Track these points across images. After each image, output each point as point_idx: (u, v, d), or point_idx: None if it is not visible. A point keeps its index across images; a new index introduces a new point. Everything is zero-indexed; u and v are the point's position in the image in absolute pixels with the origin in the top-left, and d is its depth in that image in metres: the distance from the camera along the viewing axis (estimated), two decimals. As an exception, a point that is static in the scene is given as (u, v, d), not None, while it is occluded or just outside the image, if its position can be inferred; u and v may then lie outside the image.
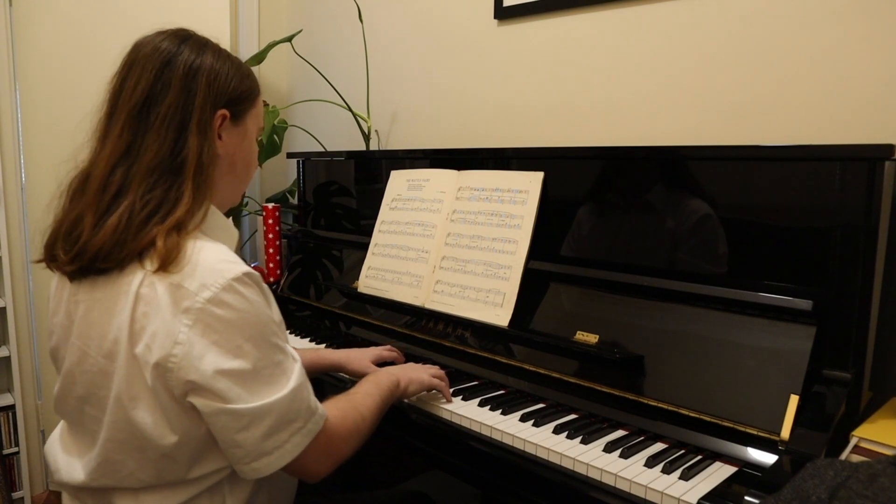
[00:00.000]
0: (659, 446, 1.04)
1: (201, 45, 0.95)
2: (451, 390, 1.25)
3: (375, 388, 1.08)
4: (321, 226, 2.01)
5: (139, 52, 0.93)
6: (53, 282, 0.98)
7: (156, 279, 0.83)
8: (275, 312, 0.92)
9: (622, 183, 1.30)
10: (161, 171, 0.88)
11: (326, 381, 1.39)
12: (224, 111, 0.95)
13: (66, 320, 0.93)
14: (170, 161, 0.89)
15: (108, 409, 0.87)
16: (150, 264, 0.84)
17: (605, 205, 1.32)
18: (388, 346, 1.43)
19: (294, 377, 0.88)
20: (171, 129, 0.90)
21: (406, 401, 1.24)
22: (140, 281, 0.84)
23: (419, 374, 1.21)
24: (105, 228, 0.84)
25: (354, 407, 1.01)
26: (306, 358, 1.34)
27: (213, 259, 0.85)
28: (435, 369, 1.26)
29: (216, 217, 0.97)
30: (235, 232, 1.02)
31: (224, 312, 0.82)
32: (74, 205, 0.90)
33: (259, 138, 1.05)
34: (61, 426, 1.03)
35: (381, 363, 1.37)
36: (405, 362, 1.41)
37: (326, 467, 0.94)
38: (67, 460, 0.96)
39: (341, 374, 1.38)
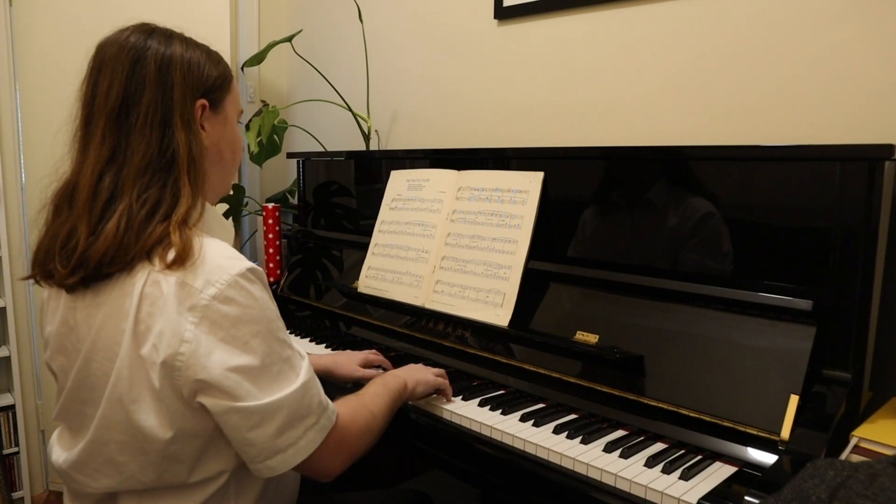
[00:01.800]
0: (659, 446, 1.04)
1: (167, 35, 0.93)
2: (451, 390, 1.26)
3: (384, 389, 1.08)
4: (321, 226, 2.01)
5: (105, 54, 0.91)
6: (45, 293, 0.96)
7: (160, 278, 0.82)
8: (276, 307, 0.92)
9: (622, 183, 1.30)
10: (153, 170, 0.87)
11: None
12: (203, 101, 0.93)
13: (64, 328, 0.91)
14: (159, 158, 0.87)
15: (109, 410, 0.86)
16: (159, 262, 0.83)
17: (604, 205, 1.32)
18: (374, 350, 1.42)
19: (303, 372, 0.87)
20: (155, 127, 0.88)
21: (407, 401, 1.23)
22: (144, 281, 0.83)
23: (425, 375, 1.20)
24: (105, 234, 0.83)
25: (364, 405, 1.00)
26: None
27: (217, 255, 0.84)
28: (435, 369, 1.25)
29: (212, 214, 0.96)
30: (232, 228, 1.02)
31: (230, 309, 0.81)
32: (63, 218, 0.88)
33: (240, 122, 1.04)
34: (58, 432, 1.01)
35: (370, 367, 1.37)
36: (392, 367, 1.40)
37: (341, 464, 0.93)
38: (81, 464, 0.95)
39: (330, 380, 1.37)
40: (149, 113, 0.88)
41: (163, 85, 0.89)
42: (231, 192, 1.09)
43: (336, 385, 1.36)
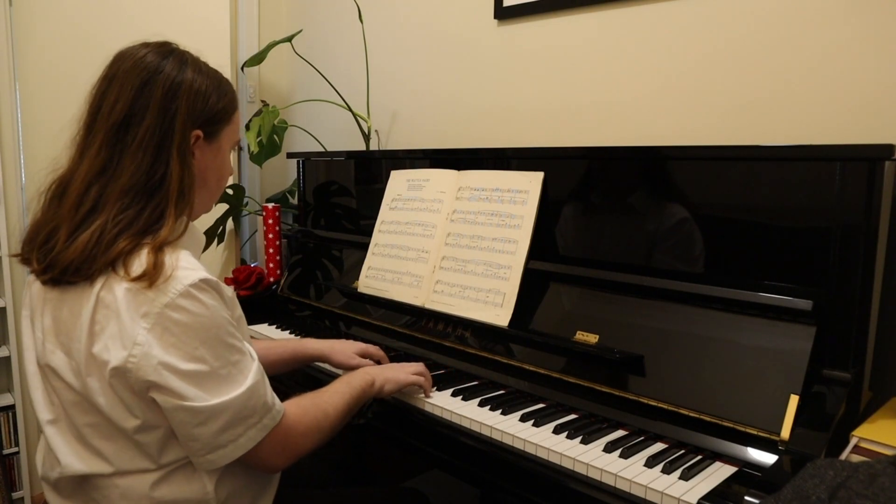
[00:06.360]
0: (659, 446, 1.04)
1: (182, 60, 0.97)
2: (451, 390, 1.26)
3: (346, 387, 1.11)
4: (321, 226, 2.01)
5: (120, 67, 0.95)
6: (28, 276, 1.02)
7: (114, 284, 0.86)
8: (236, 311, 0.96)
9: (622, 183, 1.30)
10: (135, 193, 0.91)
11: (324, 380, 1.39)
12: (198, 132, 0.97)
13: (28, 310, 0.99)
14: (144, 183, 0.91)
15: (73, 397, 0.91)
16: (123, 272, 0.87)
17: (605, 205, 1.32)
18: (377, 347, 1.43)
19: (251, 375, 0.91)
20: (149, 153, 0.92)
21: (408, 401, 1.24)
22: (101, 285, 0.87)
23: (396, 373, 1.22)
24: (76, 243, 0.88)
25: (317, 404, 1.04)
26: (288, 348, 1.37)
27: (174, 267, 0.88)
28: (416, 367, 1.26)
29: (189, 229, 1.00)
30: (202, 237, 1.07)
31: (181, 317, 0.85)
32: (52, 212, 0.93)
33: (234, 149, 1.08)
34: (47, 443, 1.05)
35: (367, 357, 1.38)
36: (389, 362, 1.41)
37: (283, 460, 0.97)
38: (55, 449, 0.98)
39: (324, 365, 1.41)
40: (146, 137, 0.92)
41: (165, 111, 0.93)
42: (211, 210, 1.13)
43: (328, 374, 1.38)
